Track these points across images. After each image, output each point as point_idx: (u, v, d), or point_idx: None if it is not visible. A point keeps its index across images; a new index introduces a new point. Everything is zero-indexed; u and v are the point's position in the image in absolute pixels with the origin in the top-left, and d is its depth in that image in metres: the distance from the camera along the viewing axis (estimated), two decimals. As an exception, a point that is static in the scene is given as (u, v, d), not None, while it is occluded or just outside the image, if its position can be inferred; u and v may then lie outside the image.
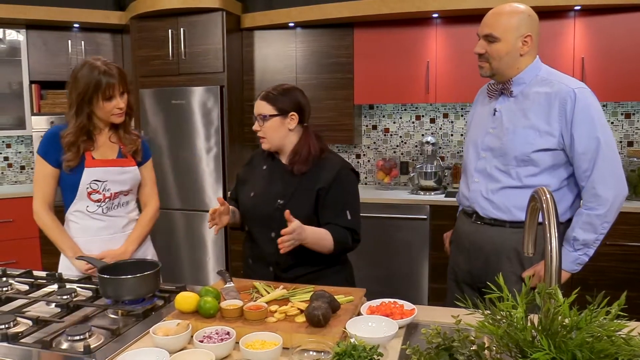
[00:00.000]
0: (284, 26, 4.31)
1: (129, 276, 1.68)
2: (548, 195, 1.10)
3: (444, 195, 3.99)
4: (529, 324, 0.94)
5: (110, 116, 2.09)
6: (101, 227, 2.13)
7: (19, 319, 1.59)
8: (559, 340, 0.86)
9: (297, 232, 1.75)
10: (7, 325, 1.53)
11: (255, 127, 1.99)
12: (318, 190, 1.94)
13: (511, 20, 1.91)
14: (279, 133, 1.97)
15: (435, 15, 3.89)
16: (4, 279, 2.02)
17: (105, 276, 1.69)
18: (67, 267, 2.14)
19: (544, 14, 3.64)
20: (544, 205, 1.07)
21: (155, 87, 4.37)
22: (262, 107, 1.97)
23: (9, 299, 1.77)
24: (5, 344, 1.43)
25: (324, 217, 1.94)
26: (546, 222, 1.04)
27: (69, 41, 4.61)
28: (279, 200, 1.94)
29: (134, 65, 4.48)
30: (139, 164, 2.23)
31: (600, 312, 0.89)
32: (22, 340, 1.45)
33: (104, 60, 2.07)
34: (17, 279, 2.01)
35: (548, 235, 1.03)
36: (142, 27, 4.40)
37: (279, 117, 1.96)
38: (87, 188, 2.08)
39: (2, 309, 1.70)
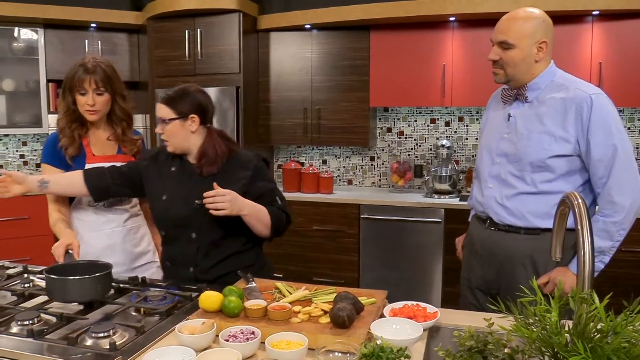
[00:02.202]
0: (300, 28, 4.32)
1: (77, 277, 1.64)
2: (580, 200, 1.09)
3: (458, 198, 3.98)
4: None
5: (84, 110, 2.11)
6: (103, 222, 2.17)
7: (42, 315, 1.60)
8: (595, 344, 0.86)
9: (231, 195, 1.80)
10: (31, 321, 1.54)
11: (158, 129, 1.97)
12: (239, 188, 1.90)
13: (526, 26, 1.88)
14: (180, 136, 1.95)
15: (452, 18, 3.89)
16: (25, 275, 2.04)
17: (52, 276, 1.63)
18: None
19: (562, 18, 3.63)
20: (577, 210, 1.07)
21: (171, 87, 4.38)
22: (161, 110, 1.94)
23: (32, 295, 1.78)
24: (30, 339, 1.43)
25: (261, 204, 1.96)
26: (579, 227, 1.04)
27: (86, 41, 4.64)
28: (196, 201, 1.89)
29: (150, 66, 4.50)
30: None
31: (637, 317, 0.88)
32: (47, 337, 1.46)
33: (95, 57, 2.12)
34: (37, 275, 2.02)
35: (581, 240, 1.02)
36: (159, 27, 4.42)
37: (178, 121, 1.93)
38: None
39: (25, 305, 1.71)
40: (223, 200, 1.79)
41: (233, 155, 1.99)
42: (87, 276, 1.64)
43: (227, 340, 1.35)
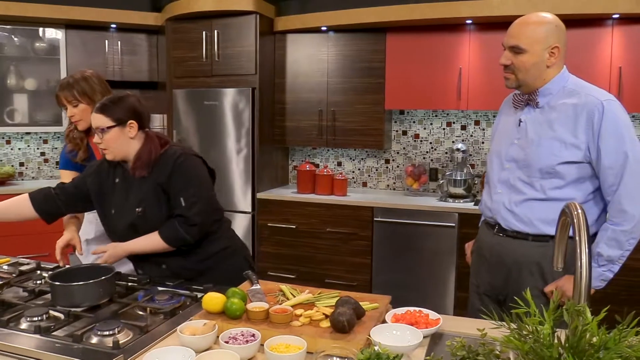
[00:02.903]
0: (316, 30, 4.33)
1: (81, 283, 1.67)
2: (579, 211, 1.08)
3: (473, 203, 3.95)
4: (555, 341, 0.93)
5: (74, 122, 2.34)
6: None
7: (51, 312, 1.64)
8: (586, 359, 0.85)
9: (108, 254, 1.97)
10: (39, 318, 1.58)
11: (96, 140, 1.99)
12: (161, 186, 1.97)
13: (538, 30, 1.86)
14: (120, 143, 1.97)
15: (469, 21, 3.86)
16: (38, 272, 2.08)
17: (56, 283, 1.67)
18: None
19: (581, 22, 3.58)
20: (575, 220, 1.06)
21: (188, 88, 4.44)
22: (99, 119, 1.96)
23: (42, 292, 1.82)
24: (37, 336, 1.47)
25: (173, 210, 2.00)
26: (577, 238, 1.03)
27: (106, 41, 4.72)
28: (137, 209, 1.99)
29: (168, 66, 4.56)
30: None
31: (630, 332, 0.87)
32: (53, 333, 1.49)
33: (74, 75, 2.32)
34: (50, 272, 2.06)
35: (579, 250, 1.01)
36: (177, 28, 4.48)
37: (117, 127, 1.95)
38: None
39: (35, 302, 1.75)
40: (107, 258, 1.97)
41: (162, 153, 2.02)
42: (90, 281, 1.67)
43: (227, 342, 1.36)
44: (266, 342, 1.35)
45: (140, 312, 1.69)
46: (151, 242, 1.98)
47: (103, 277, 1.70)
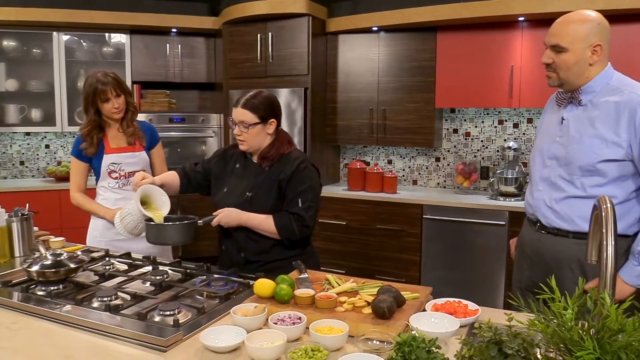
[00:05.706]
0: (367, 30, 4.41)
1: (170, 223, 2.06)
2: (609, 204, 1.13)
3: (524, 201, 3.92)
4: (579, 325, 0.98)
5: (111, 113, 2.60)
6: (118, 198, 2.67)
7: (119, 293, 1.81)
8: (604, 341, 0.91)
9: (223, 213, 2.11)
10: (109, 298, 1.75)
11: (236, 131, 2.16)
12: (279, 182, 2.14)
13: (579, 29, 1.87)
14: (259, 138, 2.17)
15: (522, 18, 3.84)
16: (107, 258, 2.27)
17: (151, 222, 2.07)
18: (93, 237, 2.68)
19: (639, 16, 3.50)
20: (603, 213, 1.11)
21: (244, 88, 4.61)
22: (245, 115, 2.12)
23: (111, 276, 2.01)
24: (107, 313, 1.63)
25: (284, 205, 2.15)
26: (603, 230, 1.08)
27: (167, 45, 4.97)
28: (247, 193, 2.17)
29: (225, 68, 4.76)
30: (149, 148, 2.76)
31: (650, 318, 0.92)
32: (121, 312, 1.65)
33: (104, 71, 2.61)
34: (117, 259, 2.25)
35: (605, 242, 1.06)
36: (233, 31, 4.66)
37: (261, 125, 2.13)
38: (107, 169, 2.65)
39: (105, 285, 1.93)
40: (221, 218, 2.11)
41: (287, 153, 2.20)
42: (177, 222, 2.03)
43: (276, 323, 1.48)
44: (311, 324, 1.46)
45: (199, 297, 1.84)
46: (263, 222, 2.13)
47: (186, 222, 2.04)
